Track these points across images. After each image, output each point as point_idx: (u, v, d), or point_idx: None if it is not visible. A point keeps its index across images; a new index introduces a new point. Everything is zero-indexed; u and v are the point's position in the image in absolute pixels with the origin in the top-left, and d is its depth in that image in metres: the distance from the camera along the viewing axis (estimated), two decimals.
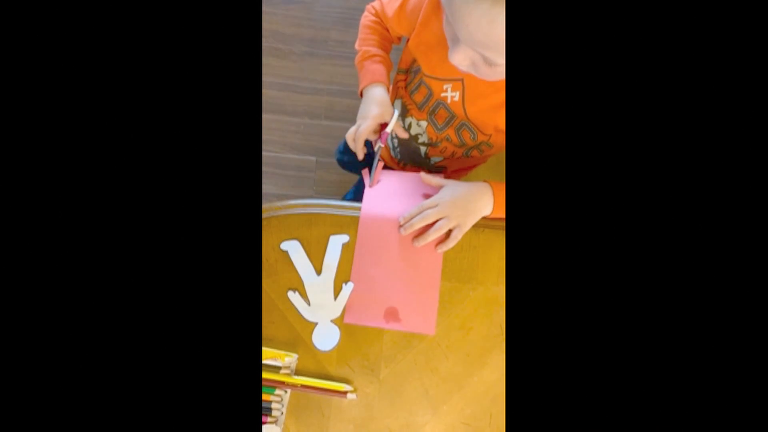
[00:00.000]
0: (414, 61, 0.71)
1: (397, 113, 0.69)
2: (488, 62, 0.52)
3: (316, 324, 0.64)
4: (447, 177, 0.71)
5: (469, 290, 0.65)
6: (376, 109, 0.69)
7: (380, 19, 0.74)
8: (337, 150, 1.04)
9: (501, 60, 0.51)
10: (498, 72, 0.53)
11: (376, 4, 0.74)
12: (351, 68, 1.43)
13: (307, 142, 1.40)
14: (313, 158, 1.39)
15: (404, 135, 0.73)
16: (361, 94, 0.73)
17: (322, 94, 1.42)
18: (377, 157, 0.69)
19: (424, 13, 0.65)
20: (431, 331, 0.64)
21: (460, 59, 0.53)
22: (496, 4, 0.44)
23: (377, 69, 0.72)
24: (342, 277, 0.65)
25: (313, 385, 0.62)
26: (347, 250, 0.66)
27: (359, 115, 0.70)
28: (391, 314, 0.64)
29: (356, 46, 0.75)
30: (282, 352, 0.63)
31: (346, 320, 0.64)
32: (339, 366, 0.64)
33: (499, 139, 0.73)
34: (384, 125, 0.69)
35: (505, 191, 0.65)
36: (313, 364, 0.64)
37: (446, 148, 0.77)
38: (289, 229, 0.66)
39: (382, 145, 0.69)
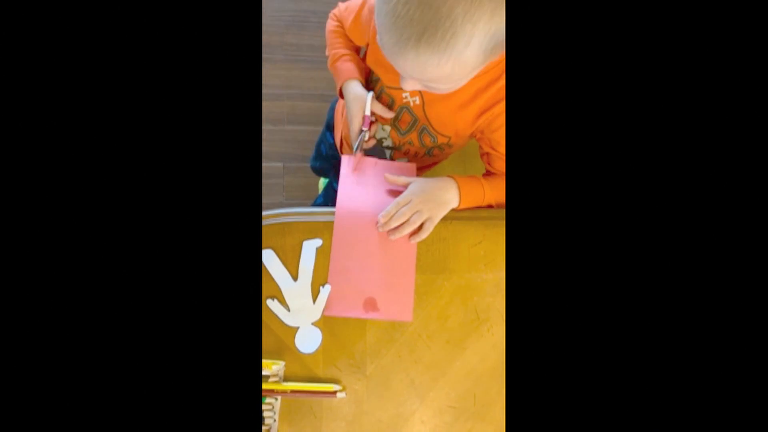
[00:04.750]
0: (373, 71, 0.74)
1: (370, 95, 0.72)
2: (435, 88, 0.55)
3: (298, 328, 0.66)
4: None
5: (443, 280, 0.68)
6: (354, 106, 0.73)
7: (342, 24, 0.76)
8: (311, 157, 1.07)
9: (444, 86, 0.54)
10: (448, 89, 0.56)
11: (336, 11, 0.77)
12: (310, 71, 1.43)
13: (273, 148, 1.40)
14: (280, 164, 1.39)
15: (389, 114, 0.74)
16: (341, 95, 0.77)
17: (283, 99, 1.42)
18: (361, 138, 0.73)
19: (374, 29, 0.67)
20: (408, 318, 0.66)
21: (410, 86, 0.57)
22: (421, 53, 0.46)
23: (347, 67, 0.75)
24: (319, 281, 0.67)
25: (302, 390, 0.64)
26: (321, 253, 0.67)
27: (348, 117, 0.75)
28: (370, 304, 0.66)
29: (326, 53, 0.79)
30: (269, 361, 0.65)
31: (326, 313, 0.66)
32: (326, 367, 0.66)
33: (459, 142, 0.76)
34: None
35: (468, 184, 0.68)
36: (300, 369, 0.65)
37: (409, 150, 0.80)
38: (262, 239, 0.67)
39: (366, 129, 0.73)
